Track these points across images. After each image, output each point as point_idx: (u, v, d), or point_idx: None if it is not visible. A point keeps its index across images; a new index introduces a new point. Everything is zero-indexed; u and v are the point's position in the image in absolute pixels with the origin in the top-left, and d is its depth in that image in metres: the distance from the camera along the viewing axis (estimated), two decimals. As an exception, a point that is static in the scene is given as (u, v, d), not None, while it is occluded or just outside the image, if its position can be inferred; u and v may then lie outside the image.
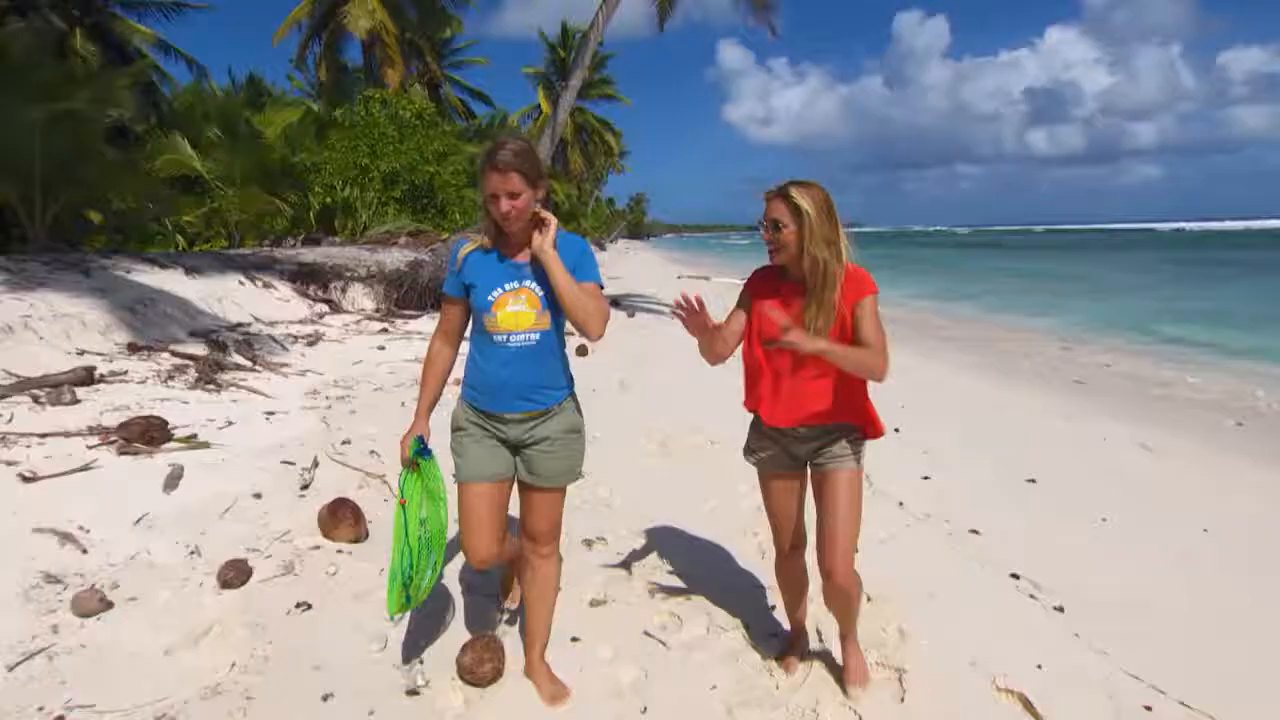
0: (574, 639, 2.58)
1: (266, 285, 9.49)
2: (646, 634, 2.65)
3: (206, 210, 13.47)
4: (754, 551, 3.39)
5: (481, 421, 2.19)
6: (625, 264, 34.59)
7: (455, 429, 2.23)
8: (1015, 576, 3.54)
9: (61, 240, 9.62)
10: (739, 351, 2.31)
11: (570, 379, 2.30)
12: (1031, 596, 3.36)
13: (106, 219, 12.27)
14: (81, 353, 5.67)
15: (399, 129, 16.85)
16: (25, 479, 3.37)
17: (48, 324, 5.78)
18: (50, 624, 2.34)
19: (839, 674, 2.45)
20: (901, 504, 4.32)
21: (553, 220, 2.09)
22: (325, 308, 9.75)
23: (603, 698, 2.29)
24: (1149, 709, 2.50)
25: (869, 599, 2.83)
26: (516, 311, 2.11)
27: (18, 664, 2.13)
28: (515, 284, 2.11)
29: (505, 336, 2.11)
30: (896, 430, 5.47)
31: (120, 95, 9.76)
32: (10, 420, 4.09)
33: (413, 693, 2.22)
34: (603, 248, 48.40)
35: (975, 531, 4.04)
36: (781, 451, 2.30)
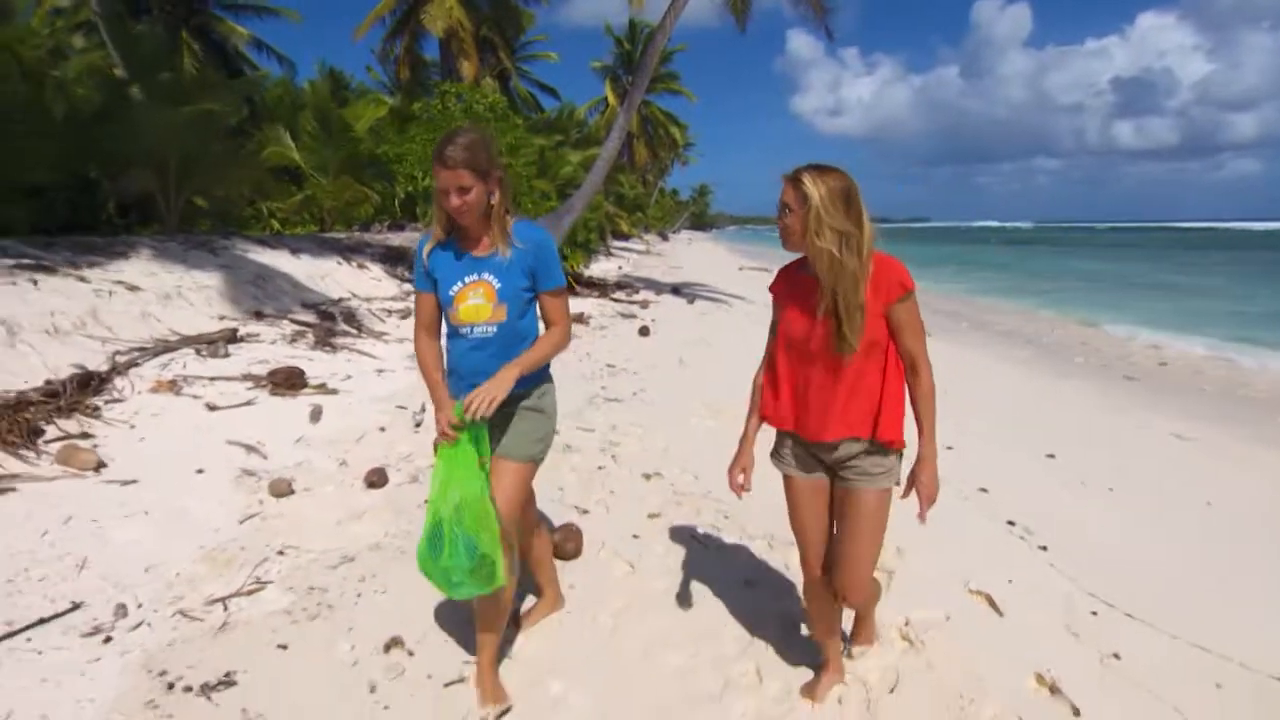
0: (634, 536, 3.33)
1: (361, 266, 10.56)
2: (692, 537, 3.38)
3: (301, 197, 14.76)
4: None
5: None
6: (688, 255, 35.20)
7: None
8: (1011, 523, 4.09)
9: (185, 225, 10.92)
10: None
11: (545, 373, 2.26)
12: (1021, 538, 3.92)
13: (210, 205, 13.66)
14: (221, 317, 6.72)
15: (473, 123, 17.86)
16: (210, 408, 4.33)
17: (194, 293, 6.85)
18: (257, 499, 3.23)
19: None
20: (918, 464, 4.91)
21: (482, 399, 1.97)
22: (411, 286, 10.76)
23: (657, 575, 3.03)
24: (1095, 613, 3.09)
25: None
26: (475, 305, 2.11)
27: (244, 520, 3.03)
28: (474, 276, 2.11)
29: (468, 329, 2.13)
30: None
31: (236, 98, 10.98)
32: (185, 366, 5.09)
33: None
34: (665, 238, 49.09)
35: (984, 490, 4.58)
36: (808, 455, 2.13)
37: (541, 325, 2.24)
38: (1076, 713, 2.36)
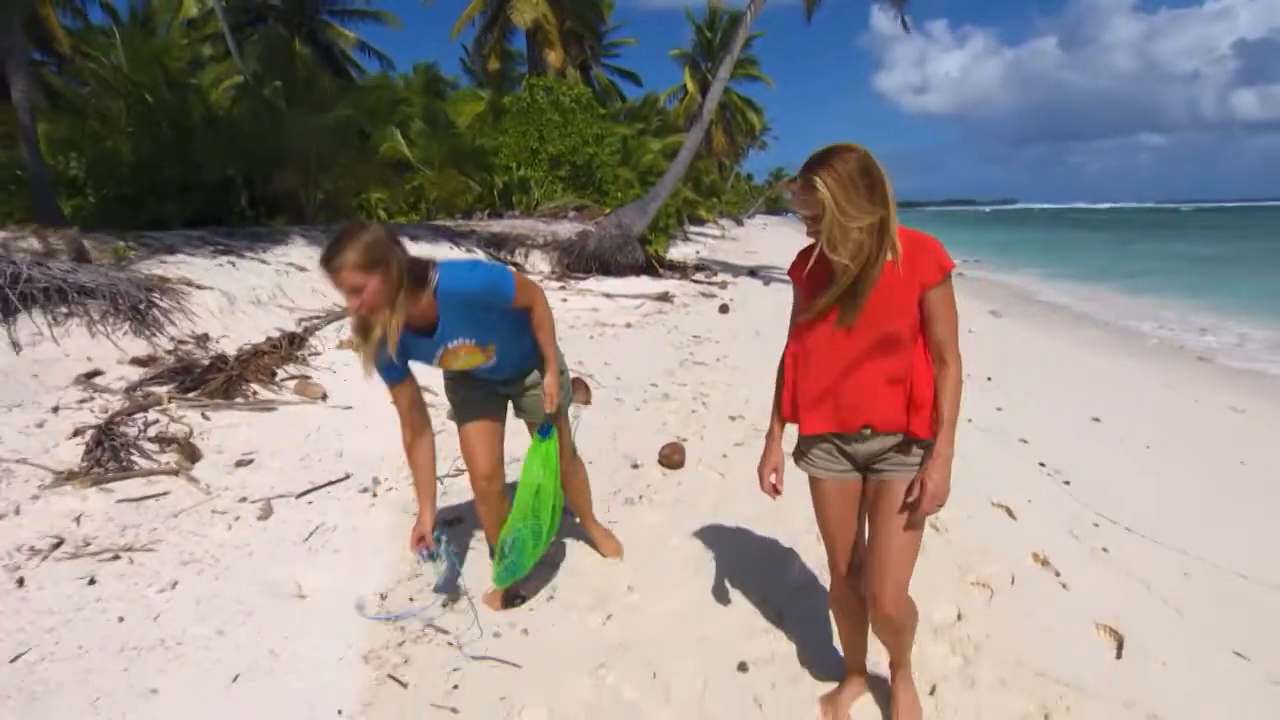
0: (723, 456, 4.26)
1: (469, 250, 11.80)
2: (768, 459, 4.28)
3: (409, 188, 16.21)
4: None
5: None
6: (763, 239, 35.65)
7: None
8: (1042, 465, 4.76)
9: (312, 216, 12.41)
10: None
11: (537, 356, 2.55)
12: (1048, 475, 4.59)
13: (325, 197, 15.23)
14: (368, 293, 7.97)
15: (561, 114, 19.00)
16: (385, 360, 5.49)
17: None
18: (439, 421, 4.30)
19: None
20: (970, 420, 5.56)
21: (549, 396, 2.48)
22: (513, 269, 11.95)
23: (742, 481, 3.94)
24: (1096, 525, 3.81)
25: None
26: (468, 359, 2.27)
27: (435, 432, 4.10)
28: (453, 343, 2.23)
29: (472, 370, 2.35)
30: (989, 379, 6.61)
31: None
32: (354, 330, 6.31)
33: (635, 466, 3.99)
34: (740, 223, 49.43)
35: (1024, 440, 5.23)
36: (837, 451, 1.99)
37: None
38: (1058, 574, 3.16)
